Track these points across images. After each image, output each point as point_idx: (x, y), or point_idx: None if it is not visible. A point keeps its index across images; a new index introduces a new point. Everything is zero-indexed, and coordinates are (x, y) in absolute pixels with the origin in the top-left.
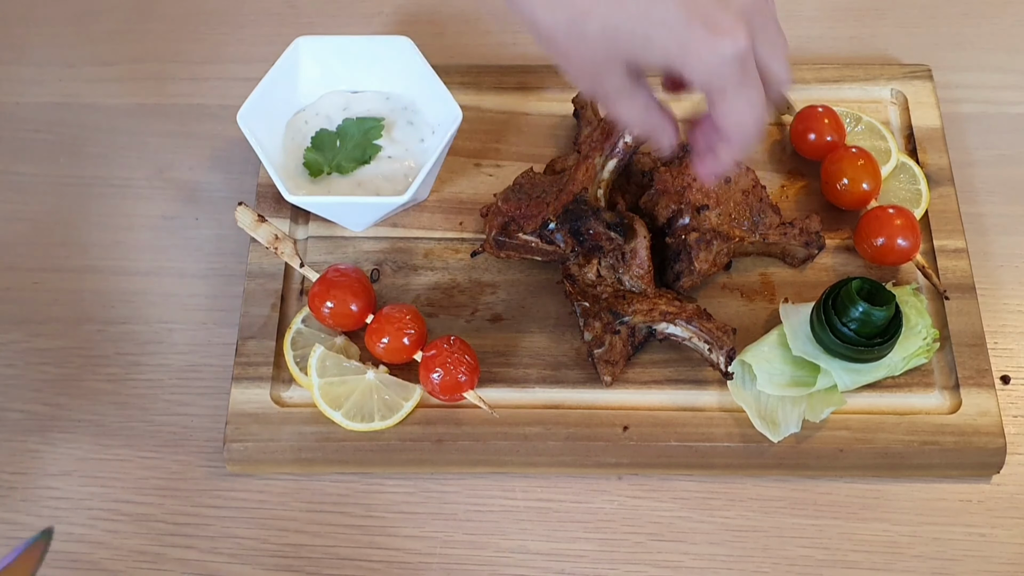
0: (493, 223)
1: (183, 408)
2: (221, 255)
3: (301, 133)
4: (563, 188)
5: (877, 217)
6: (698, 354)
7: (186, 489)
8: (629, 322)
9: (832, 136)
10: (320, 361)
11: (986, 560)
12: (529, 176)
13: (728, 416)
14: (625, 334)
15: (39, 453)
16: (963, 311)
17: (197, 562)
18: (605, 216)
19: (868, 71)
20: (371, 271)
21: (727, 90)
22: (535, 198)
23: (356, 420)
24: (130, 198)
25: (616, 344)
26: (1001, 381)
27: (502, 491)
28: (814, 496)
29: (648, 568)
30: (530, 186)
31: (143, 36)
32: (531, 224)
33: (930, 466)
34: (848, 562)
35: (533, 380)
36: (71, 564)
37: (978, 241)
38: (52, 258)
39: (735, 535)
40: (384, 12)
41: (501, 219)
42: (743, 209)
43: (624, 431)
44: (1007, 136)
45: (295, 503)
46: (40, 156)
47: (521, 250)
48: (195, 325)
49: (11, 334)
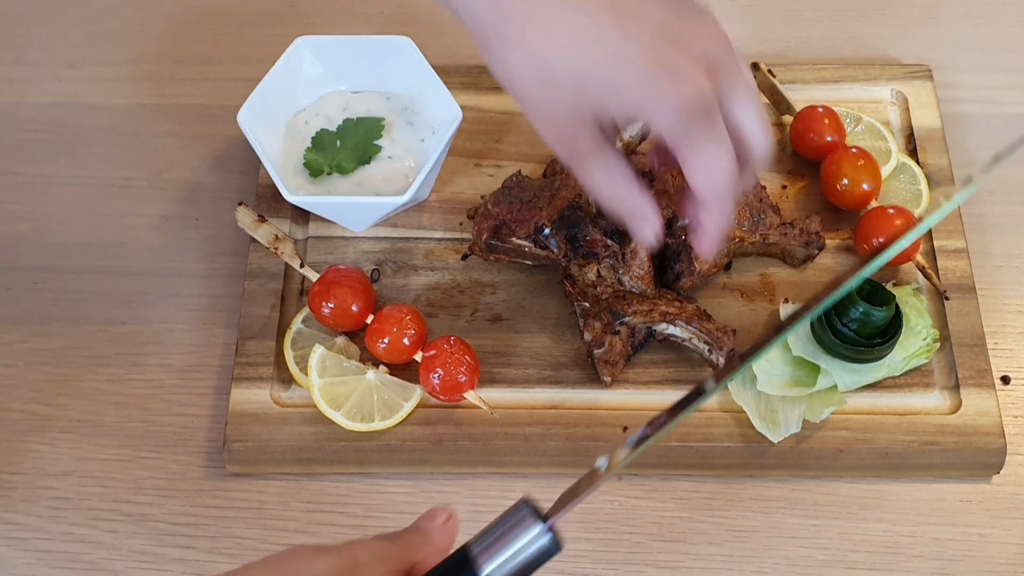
0: (483, 226)
1: (183, 408)
2: (221, 255)
3: (301, 133)
4: (556, 193)
5: (877, 217)
6: (698, 355)
7: (186, 489)
8: (629, 322)
9: (832, 136)
10: (320, 361)
11: (986, 560)
12: (518, 179)
13: (728, 416)
14: (625, 334)
15: (39, 453)
16: (963, 311)
17: (197, 562)
18: (601, 222)
19: (868, 71)
20: (371, 271)
21: (693, 140)
22: (526, 202)
23: (356, 420)
24: (130, 198)
25: (616, 344)
26: (1001, 381)
27: (502, 491)
28: (814, 496)
29: (648, 568)
30: (519, 189)
31: (143, 36)
32: (524, 228)
33: (930, 466)
34: (848, 562)
35: (533, 380)
36: (71, 564)
37: (978, 241)
38: (52, 258)
39: (735, 535)
40: (384, 12)
41: (492, 222)
42: (743, 209)
43: (624, 431)
44: (1007, 136)
45: (295, 503)
46: (40, 156)
47: (512, 254)
48: (195, 325)
49: (11, 334)
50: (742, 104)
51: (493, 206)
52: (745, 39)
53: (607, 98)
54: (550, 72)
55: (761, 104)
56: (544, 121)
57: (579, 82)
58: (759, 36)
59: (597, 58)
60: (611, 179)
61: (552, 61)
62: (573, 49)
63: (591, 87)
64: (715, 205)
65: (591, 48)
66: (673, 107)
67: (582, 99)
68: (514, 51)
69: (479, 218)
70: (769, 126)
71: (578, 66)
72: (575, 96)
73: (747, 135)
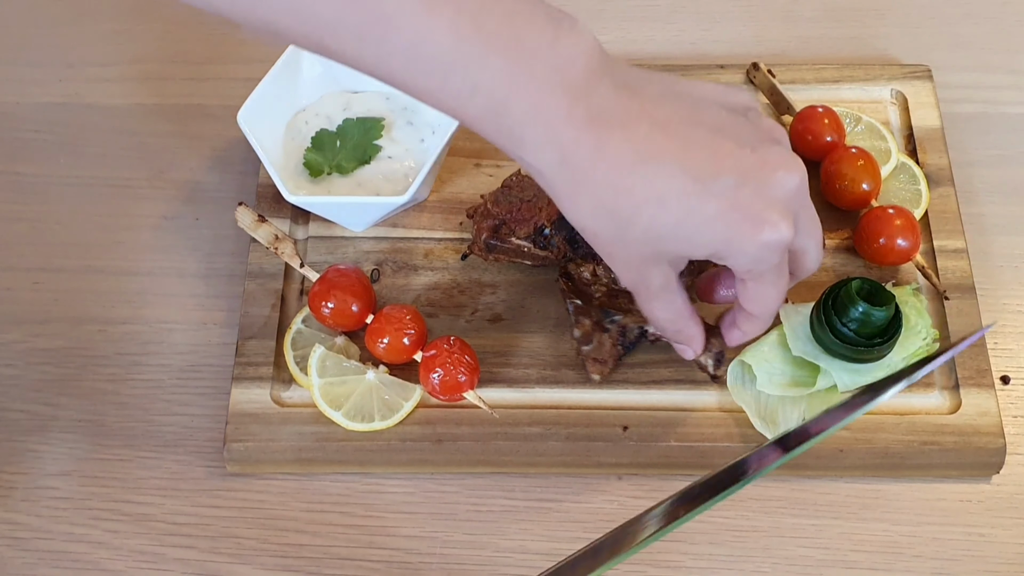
0: (483, 225)
1: (183, 408)
2: (221, 255)
3: (301, 133)
4: None
5: (877, 217)
6: None
7: (186, 489)
8: (619, 321)
9: (832, 136)
10: (320, 361)
11: (986, 560)
12: (518, 178)
13: (728, 416)
14: (615, 333)
15: (39, 453)
16: (963, 311)
17: (197, 562)
18: None
19: (868, 71)
20: (371, 271)
21: (764, 277)
22: (526, 201)
23: (356, 420)
24: (130, 198)
25: (605, 342)
26: (1001, 381)
27: (502, 491)
28: (814, 496)
29: (648, 568)
30: (519, 188)
31: (143, 36)
32: (524, 228)
33: (930, 466)
34: (848, 562)
35: (533, 380)
36: (71, 564)
37: (978, 241)
38: (52, 258)
39: (735, 535)
40: None
41: (492, 222)
42: None
43: (624, 431)
44: (1007, 136)
45: (295, 503)
46: (40, 156)
47: (511, 254)
48: (195, 325)
49: (11, 334)
50: (808, 235)
51: (493, 205)
52: (745, 39)
53: (684, 249)
54: (626, 226)
55: (821, 231)
56: (615, 260)
57: (653, 237)
58: (759, 36)
59: (677, 217)
60: (672, 316)
61: (628, 218)
62: (651, 208)
63: (666, 241)
64: (760, 322)
65: (670, 208)
66: (752, 255)
67: (659, 248)
68: (586, 202)
69: (479, 217)
70: (823, 251)
71: (656, 223)
72: (651, 247)
73: (805, 262)
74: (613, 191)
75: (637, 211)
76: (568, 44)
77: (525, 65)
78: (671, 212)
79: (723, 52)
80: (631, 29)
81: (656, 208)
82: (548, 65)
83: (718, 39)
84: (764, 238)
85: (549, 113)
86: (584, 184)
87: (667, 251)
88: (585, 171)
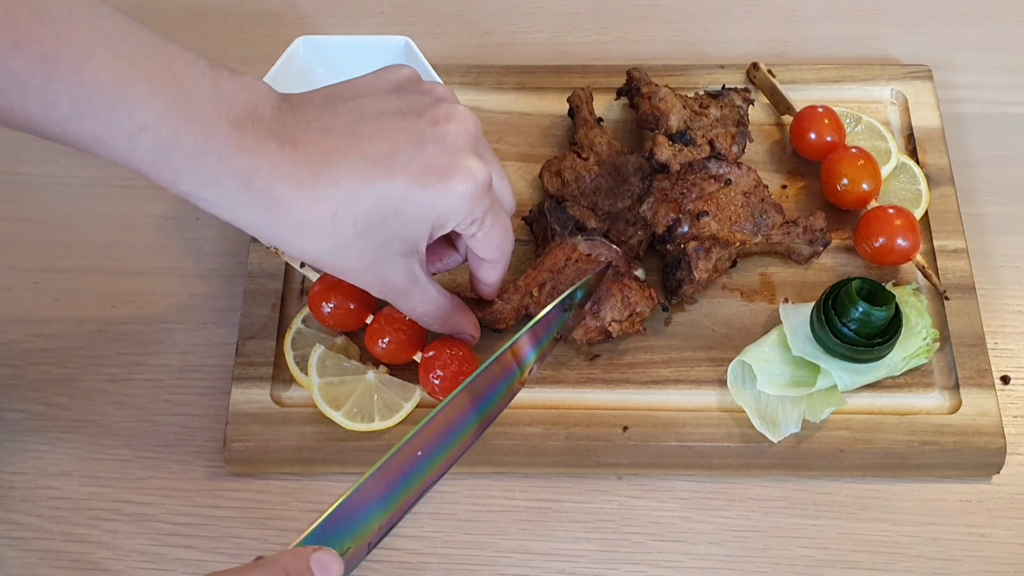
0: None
1: (183, 408)
2: (221, 255)
3: None
4: (540, 263)
5: (877, 217)
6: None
7: (186, 489)
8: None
9: (832, 136)
10: (320, 361)
11: (986, 560)
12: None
13: (728, 416)
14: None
15: (39, 453)
16: (963, 311)
17: (197, 562)
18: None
19: (868, 71)
20: None
21: (486, 220)
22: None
23: (356, 420)
24: (130, 198)
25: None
26: (1001, 381)
27: (502, 491)
28: (814, 496)
29: (648, 568)
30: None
31: None
32: (513, 296)
33: (930, 466)
34: (848, 562)
35: (533, 380)
36: (71, 564)
37: (978, 241)
38: (52, 258)
39: (735, 535)
40: (384, 12)
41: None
42: (744, 211)
43: (624, 431)
44: (1007, 136)
45: (295, 503)
46: (40, 156)
47: None
48: (195, 325)
49: (11, 334)
50: (498, 177)
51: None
52: (745, 39)
53: (401, 232)
54: (333, 234)
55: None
56: (346, 273)
57: (365, 230)
58: (759, 36)
59: (375, 204)
60: (433, 309)
61: (331, 225)
62: (347, 207)
63: (382, 232)
64: (502, 263)
65: (365, 199)
66: (462, 208)
67: (377, 242)
68: (287, 225)
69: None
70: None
71: (359, 218)
72: (369, 243)
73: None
74: (306, 204)
75: (336, 215)
76: (230, 82)
77: (188, 101)
78: (367, 202)
79: (723, 52)
80: (631, 29)
81: (352, 205)
82: (211, 99)
83: (718, 39)
84: (462, 188)
85: (218, 144)
86: (276, 207)
87: (386, 243)
88: (273, 193)
